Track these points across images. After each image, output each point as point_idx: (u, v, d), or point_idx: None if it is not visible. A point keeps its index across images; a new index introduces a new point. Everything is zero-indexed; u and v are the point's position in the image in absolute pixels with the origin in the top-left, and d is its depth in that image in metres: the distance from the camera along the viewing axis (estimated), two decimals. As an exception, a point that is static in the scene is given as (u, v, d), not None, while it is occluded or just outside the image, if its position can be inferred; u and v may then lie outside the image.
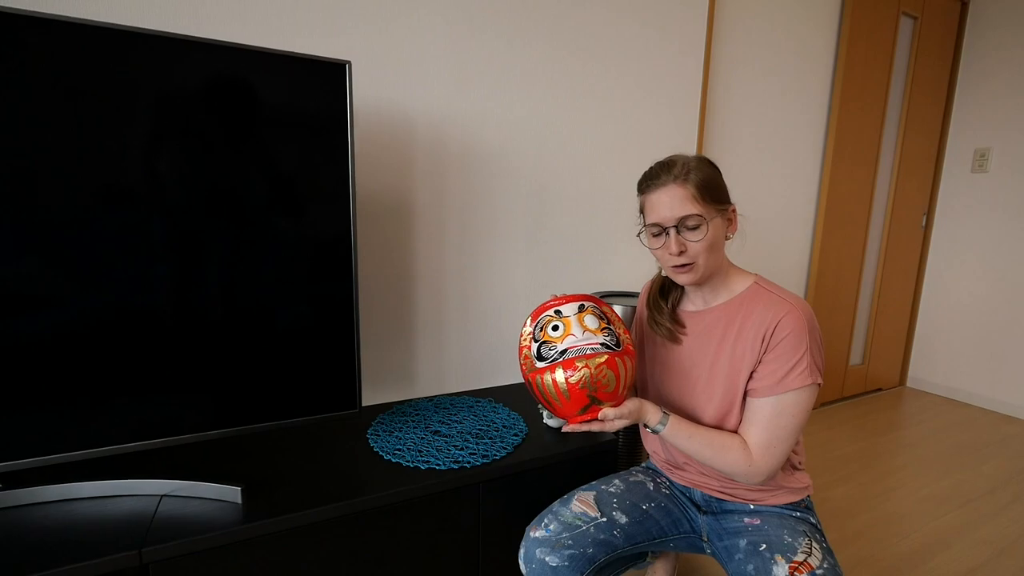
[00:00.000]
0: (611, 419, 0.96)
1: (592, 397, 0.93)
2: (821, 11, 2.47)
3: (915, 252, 3.19)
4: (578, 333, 0.96)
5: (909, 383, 3.33)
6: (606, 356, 0.93)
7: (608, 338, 0.97)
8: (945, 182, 3.15)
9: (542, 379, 0.95)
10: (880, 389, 3.23)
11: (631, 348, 1.00)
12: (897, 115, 2.92)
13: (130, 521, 0.96)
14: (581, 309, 1.00)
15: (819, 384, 0.98)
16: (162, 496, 1.04)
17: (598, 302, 1.04)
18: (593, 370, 0.92)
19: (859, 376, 3.08)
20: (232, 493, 1.04)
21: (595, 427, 0.97)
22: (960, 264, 3.09)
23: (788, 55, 2.41)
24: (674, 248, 0.99)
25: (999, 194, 2.91)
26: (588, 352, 0.93)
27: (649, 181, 1.03)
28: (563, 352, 0.94)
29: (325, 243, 1.14)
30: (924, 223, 3.18)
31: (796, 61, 2.44)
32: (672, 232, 0.99)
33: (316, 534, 1.04)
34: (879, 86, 2.75)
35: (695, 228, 0.98)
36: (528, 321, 1.04)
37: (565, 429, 0.99)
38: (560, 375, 0.92)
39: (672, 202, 0.98)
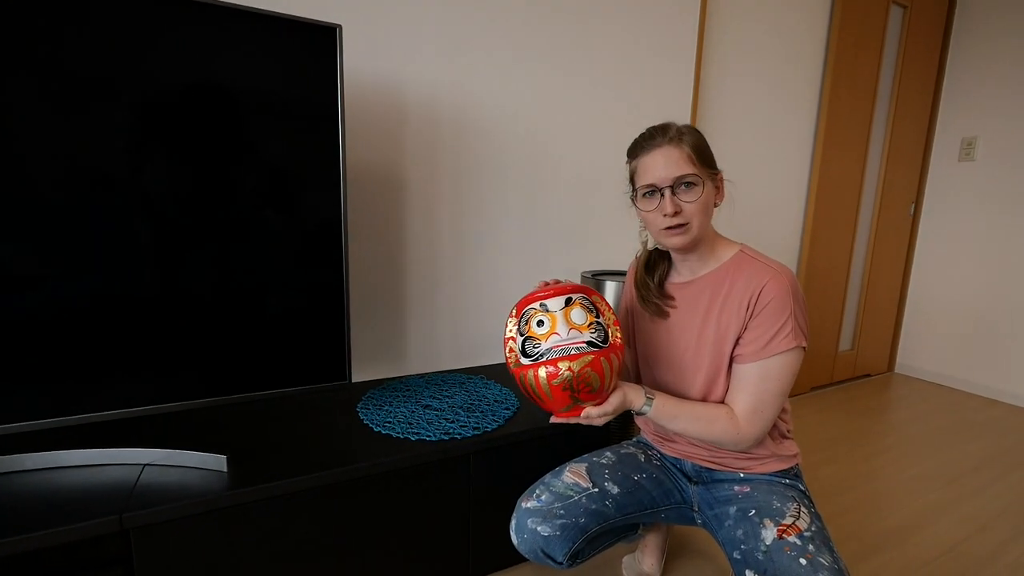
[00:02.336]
0: (594, 417, 0.95)
1: (575, 398, 0.92)
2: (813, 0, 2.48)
3: (903, 239, 3.22)
4: (563, 331, 0.92)
5: (898, 369, 3.35)
6: (591, 356, 0.90)
7: (595, 334, 0.93)
8: (933, 170, 3.17)
9: (526, 375, 0.92)
10: (869, 375, 3.25)
11: (619, 342, 0.96)
12: (886, 103, 2.93)
13: (112, 489, 0.94)
14: (568, 303, 0.95)
15: (804, 347, 0.99)
16: (145, 465, 1.03)
17: (588, 292, 0.99)
18: (576, 372, 0.89)
19: (848, 362, 3.10)
20: (217, 462, 1.02)
21: (582, 422, 0.96)
22: (947, 251, 3.11)
23: (780, 42, 2.41)
24: (669, 208, 0.97)
25: (985, 182, 2.93)
26: (572, 352, 0.90)
27: (643, 143, 1.02)
28: (547, 351, 0.91)
29: (316, 218, 1.12)
30: (912, 211, 3.21)
31: (788, 48, 2.44)
32: (667, 192, 0.98)
33: (303, 502, 1.03)
34: (869, 74, 2.76)
35: (690, 188, 0.98)
36: (513, 312, 1.00)
37: (552, 421, 0.98)
38: (543, 374, 0.90)
39: (668, 162, 0.98)
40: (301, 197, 1.10)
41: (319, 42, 1.07)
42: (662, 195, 0.99)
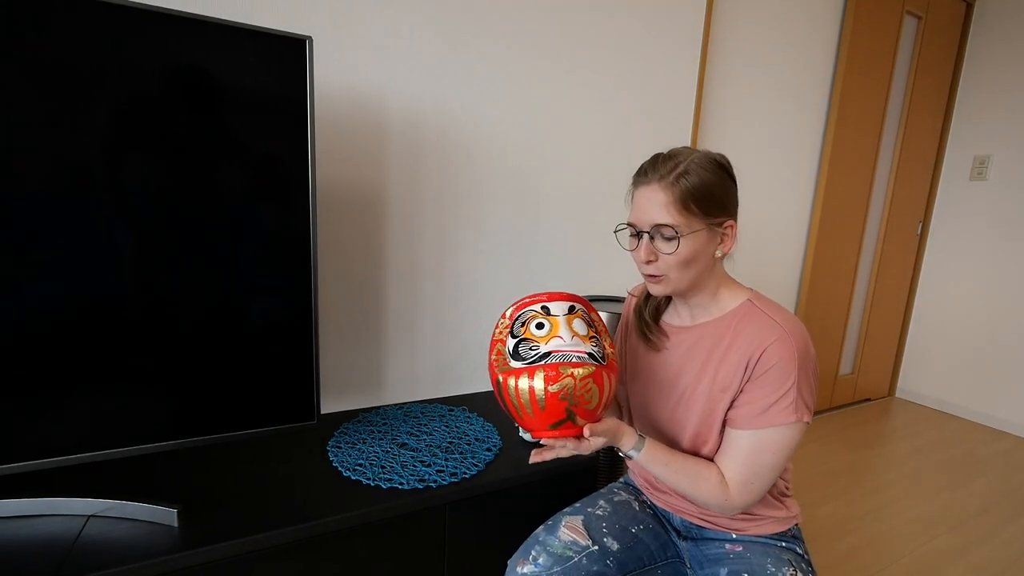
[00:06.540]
0: (587, 437, 0.85)
1: (569, 411, 0.82)
2: (824, 8, 2.39)
3: (909, 260, 3.13)
4: (566, 336, 0.84)
5: (898, 394, 3.27)
6: (593, 368, 0.82)
7: (595, 348, 0.85)
8: (942, 189, 3.08)
9: (515, 382, 0.82)
10: (869, 399, 3.17)
11: (615, 364, 0.90)
12: (897, 118, 2.84)
13: (48, 546, 0.86)
14: (571, 311, 0.88)
15: (806, 423, 0.89)
16: (89, 517, 0.94)
17: (588, 307, 0.93)
18: (578, 381, 0.80)
19: (848, 386, 3.02)
20: (167, 516, 0.93)
21: (570, 446, 0.86)
22: (955, 273, 3.02)
23: (788, 53, 2.32)
24: (642, 256, 0.90)
25: (997, 203, 2.84)
26: (575, 360, 0.81)
27: (638, 175, 0.93)
28: (546, 355, 0.82)
29: (281, 238, 1.03)
30: (920, 231, 3.12)
31: (796, 59, 2.35)
32: (645, 238, 0.89)
33: (261, 563, 0.94)
34: (880, 86, 2.67)
35: (668, 240, 0.87)
36: (507, 313, 0.91)
37: (542, 439, 0.86)
38: (539, 381, 0.80)
39: (649, 206, 0.88)
40: (267, 213, 1.02)
41: (290, 53, 1.00)
42: (640, 238, 0.91)
